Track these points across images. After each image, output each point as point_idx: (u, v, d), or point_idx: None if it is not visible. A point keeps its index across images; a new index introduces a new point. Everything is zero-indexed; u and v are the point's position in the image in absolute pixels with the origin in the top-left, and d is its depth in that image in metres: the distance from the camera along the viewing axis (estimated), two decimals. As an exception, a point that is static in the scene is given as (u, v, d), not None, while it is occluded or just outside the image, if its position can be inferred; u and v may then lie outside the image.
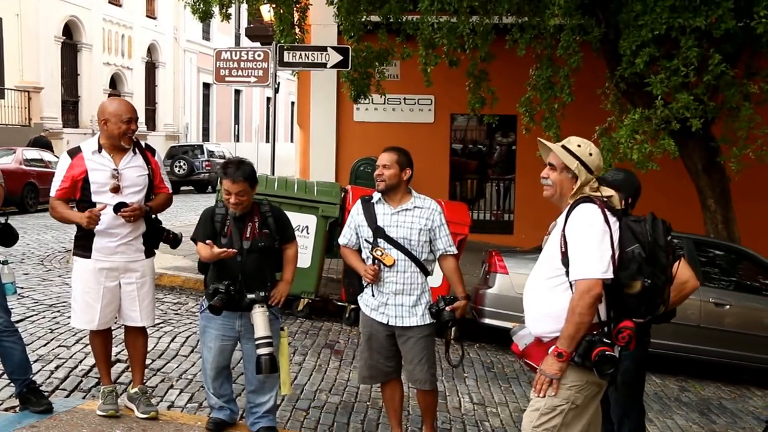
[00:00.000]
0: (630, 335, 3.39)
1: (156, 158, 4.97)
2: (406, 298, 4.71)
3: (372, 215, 4.75)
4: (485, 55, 10.33)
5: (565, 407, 3.44)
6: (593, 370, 3.37)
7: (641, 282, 3.39)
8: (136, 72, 29.78)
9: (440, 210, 4.78)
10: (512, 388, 6.94)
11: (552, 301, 3.46)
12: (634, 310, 3.46)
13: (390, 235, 4.67)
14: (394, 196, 4.73)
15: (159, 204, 4.92)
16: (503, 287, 8.17)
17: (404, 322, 4.72)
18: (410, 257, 4.66)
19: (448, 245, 4.77)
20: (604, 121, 10.08)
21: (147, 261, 4.92)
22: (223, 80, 11.40)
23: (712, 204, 10.02)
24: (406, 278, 4.70)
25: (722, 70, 8.39)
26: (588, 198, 3.49)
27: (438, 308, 4.68)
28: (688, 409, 7.19)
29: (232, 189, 4.51)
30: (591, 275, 3.33)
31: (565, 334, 3.36)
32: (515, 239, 13.63)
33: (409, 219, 4.69)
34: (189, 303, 8.56)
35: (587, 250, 3.36)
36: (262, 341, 4.47)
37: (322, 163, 14.66)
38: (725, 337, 8.26)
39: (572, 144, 3.58)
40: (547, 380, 3.41)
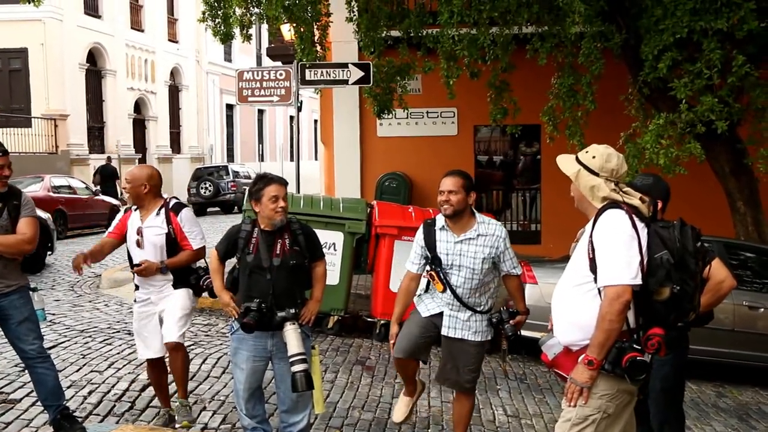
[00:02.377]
0: (659, 342, 3.37)
1: (180, 218, 5.33)
2: (460, 313, 4.74)
3: (432, 242, 4.77)
4: (506, 65, 10.31)
5: (597, 416, 3.41)
6: (624, 377, 3.34)
7: (670, 288, 3.36)
8: (160, 96, 30.13)
9: (504, 235, 4.77)
10: (546, 399, 6.88)
11: (580, 309, 3.44)
12: (664, 316, 3.43)
13: (453, 262, 4.69)
14: (458, 221, 4.72)
15: (178, 260, 5.32)
16: (533, 297, 8.08)
17: (456, 333, 4.76)
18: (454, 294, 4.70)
19: (512, 267, 4.81)
20: (628, 127, 10.01)
21: (178, 291, 5.35)
22: (246, 101, 11.49)
23: (741, 206, 9.90)
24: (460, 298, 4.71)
25: (746, 71, 8.31)
26: (615, 204, 3.48)
27: (500, 319, 4.71)
28: (727, 415, 7.08)
29: (280, 192, 4.56)
30: (619, 281, 3.30)
31: (595, 342, 3.34)
32: (543, 249, 13.55)
33: (473, 249, 4.68)
34: (219, 324, 8.61)
35: (615, 256, 3.35)
36: (297, 358, 4.47)
37: (347, 180, 14.68)
38: (761, 341, 8.14)
39: (582, 153, 3.65)
40: (578, 389, 3.39)
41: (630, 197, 3.53)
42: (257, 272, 4.60)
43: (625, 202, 3.49)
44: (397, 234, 8.44)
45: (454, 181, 4.68)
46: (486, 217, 4.81)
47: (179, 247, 5.32)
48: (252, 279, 4.62)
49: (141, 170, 5.37)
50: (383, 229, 8.46)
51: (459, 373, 4.85)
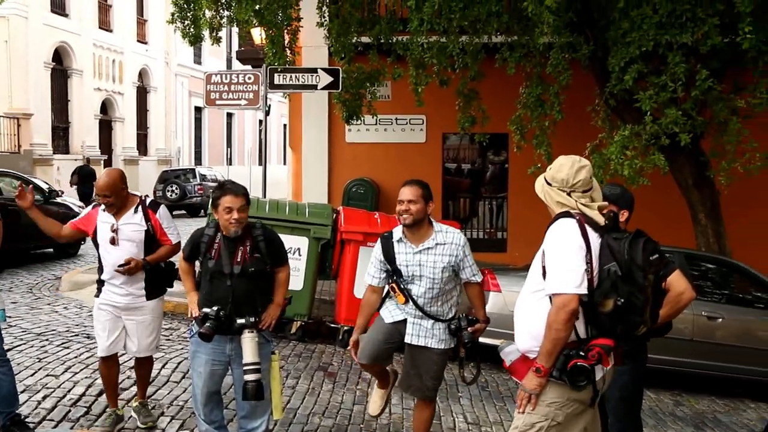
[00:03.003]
0: (599, 353, 3.37)
1: (158, 214, 5.39)
2: (425, 322, 4.73)
3: (391, 256, 4.76)
4: (475, 74, 10.37)
5: (544, 424, 3.42)
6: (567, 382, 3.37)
7: (614, 301, 3.34)
8: (128, 97, 29.83)
9: (463, 243, 4.75)
10: (507, 407, 6.90)
11: (534, 317, 3.47)
12: (610, 328, 3.42)
13: (414, 273, 4.67)
14: (417, 232, 4.70)
15: (159, 256, 5.37)
16: (496, 305, 8.14)
17: (420, 341, 4.75)
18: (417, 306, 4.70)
19: (472, 275, 4.79)
20: (594, 137, 10.12)
21: (149, 303, 5.38)
22: (214, 104, 11.42)
23: (703, 218, 10.04)
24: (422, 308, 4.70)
25: (710, 86, 8.44)
26: (567, 213, 3.50)
27: (459, 326, 4.70)
28: (683, 423, 7.17)
29: (235, 204, 4.49)
30: (565, 290, 3.32)
31: (543, 350, 3.36)
32: (509, 257, 13.61)
33: (432, 258, 4.67)
34: (180, 328, 8.52)
35: (561, 265, 3.37)
36: (250, 367, 4.45)
37: (314, 185, 14.64)
38: (718, 351, 8.25)
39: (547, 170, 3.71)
40: (526, 396, 3.41)
41: (587, 207, 3.54)
42: (218, 278, 4.56)
43: (581, 212, 3.50)
44: (363, 240, 8.42)
45: (413, 191, 4.67)
46: (444, 226, 4.80)
47: (157, 244, 5.35)
48: (213, 284, 4.58)
49: (113, 174, 5.29)
50: (348, 235, 8.44)
51: (422, 380, 4.85)
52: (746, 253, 10.83)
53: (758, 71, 8.87)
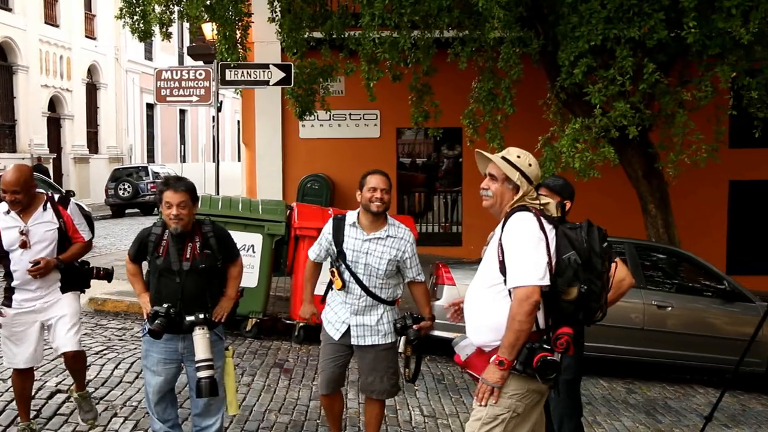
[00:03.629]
0: (568, 341, 3.43)
1: (69, 210, 5.18)
2: (367, 317, 4.73)
3: (340, 237, 4.77)
4: (427, 68, 10.41)
5: (507, 416, 3.46)
6: (535, 376, 3.40)
7: (578, 288, 3.43)
8: (77, 94, 29.25)
9: (412, 240, 4.80)
10: (463, 399, 6.96)
11: (492, 311, 3.49)
12: (572, 316, 3.50)
13: (358, 260, 4.69)
14: (375, 221, 4.73)
15: (72, 254, 5.15)
16: (451, 299, 8.15)
17: (366, 341, 4.75)
18: (361, 285, 4.70)
19: (417, 274, 4.84)
20: (546, 131, 10.23)
21: (65, 296, 5.15)
22: (165, 100, 11.29)
23: (652, 209, 10.24)
24: (368, 301, 4.72)
25: (656, 79, 8.60)
26: (523, 207, 3.53)
27: (404, 324, 4.72)
28: (635, 410, 7.30)
29: (174, 199, 4.43)
30: (528, 282, 3.36)
31: (505, 343, 3.38)
32: (464, 251, 13.73)
33: (380, 248, 4.70)
34: (134, 328, 8.41)
35: (523, 257, 3.40)
36: (202, 364, 4.42)
37: (268, 182, 14.57)
38: (669, 339, 8.44)
39: (512, 155, 3.63)
40: (488, 389, 3.43)
41: (541, 199, 3.61)
42: (167, 276, 4.52)
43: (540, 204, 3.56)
44: (317, 236, 8.32)
45: (385, 180, 4.74)
46: (397, 221, 4.84)
47: (69, 242, 5.15)
48: (161, 282, 4.54)
49: (23, 169, 4.96)
50: (302, 231, 8.41)
51: (382, 381, 4.85)
52: (694, 242, 11.10)
53: (703, 65, 9.07)
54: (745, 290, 8.64)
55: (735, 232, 14.61)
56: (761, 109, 9.13)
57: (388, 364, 4.83)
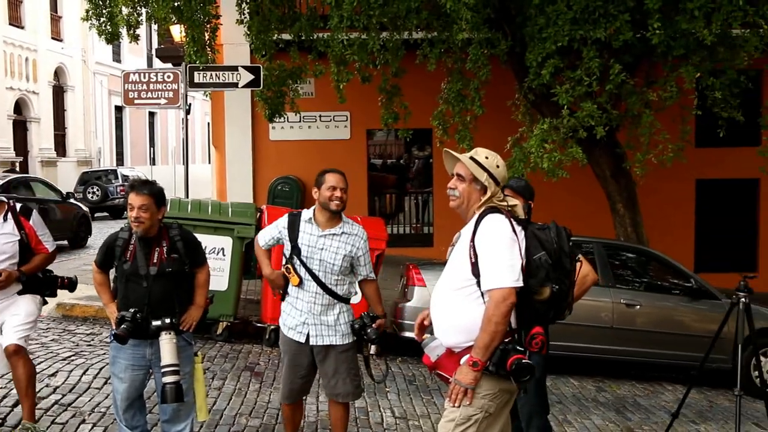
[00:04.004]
0: (543, 341, 3.48)
1: (32, 221, 5.06)
2: (324, 317, 4.71)
3: (294, 233, 4.76)
4: (396, 70, 10.43)
5: (480, 416, 3.47)
6: (510, 378, 3.41)
7: (550, 288, 3.47)
8: (43, 96, 28.88)
9: (366, 237, 4.83)
10: (434, 400, 6.97)
11: (463, 312, 3.49)
12: (544, 315, 3.54)
13: (313, 256, 4.68)
14: (332, 218, 4.74)
15: (35, 266, 5.07)
16: (422, 300, 8.22)
17: (324, 340, 4.73)
18: (317, 281, 4.68)
19: (369, 272, 4.87)
20: (516, 131, 10.30)
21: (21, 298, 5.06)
22: (132, 103, 11.19)
23: (621, 208, 10.35)
24: (324, 299, 4.71)
25: (623, 80, 8.70)
26: (495, 208, 3.54)
27: (362, 324, 4.72)
28: (605, 408, 7.37)
29: (136, 202, 4.41)
30: (504, 284, 3.37)
31: (480, 344, 3.38)
32: (435, 251, 13.76)
33: (336, 244, 4.70)
34: (103, 333, 8.32)
35: (498, 259, 3.41)
36: (168, 369, 4.38)
37: (239, 184, 14.50)
38: (637, 337, 8.53)
39: (480, 156, 3.63)
40: (462, 390, 3.43)
41: (510, 199, 3.64)
42: (134, 280, 4.48)
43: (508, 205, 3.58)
44: (288, 238, 8.35)
45: (343, 179, 4.74)
46: (351, 220, 4.88)
47: (31, 253, 5.06)
48: (128, 287, 4.50)
49: None
50: (273, 234, 8.36)
51: (346, 383, 4.83)
52: (662, 241, 11.24)
53: (668, 65, 9.20)
54: (712, 287, 8.76)
55: (702, 230, 14.82)
56: (725, 109, 9.29)
57: (349, 365, 4.82)
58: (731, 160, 13.95)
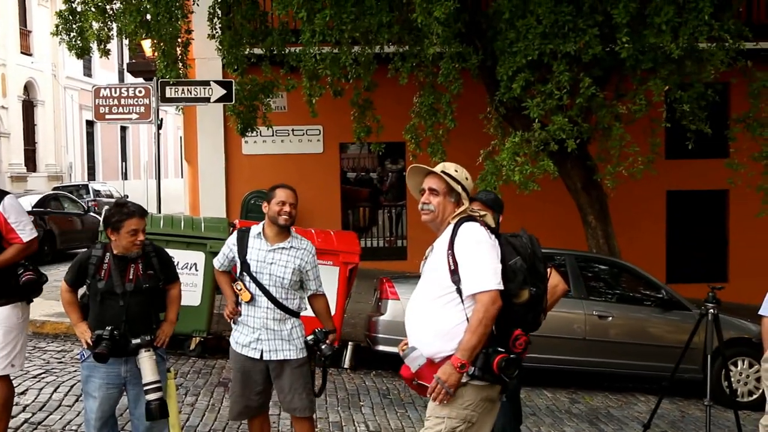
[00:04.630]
0: (526, 341, 3.54)
1: (2, 207, 4.73)
2: (279, 332, 4.71)
3: (243, 248, 4.78)
4: (368, 84, 10.48)
5: (463, 427, 3.50)
6: (494, 381, 3.47)
7: (528, 291, 3.56)
8: (13, 111, 28.55)
9: (314, 252, 4.84)
10: (408, 414, 6.97)
11: (443, 319, 3.52)
12: (522, 318, 3.59)
13: (263, 270, 4.69)
14: (280, 233, 4.74)
15: (7, 258, 4.75)
16: (395, 313, 8.22)
17: (279, 355, 4.72)
18: (268, 296, 4.67)
19: (318, 286, 4.87)
20: (488, 144, 10.37)
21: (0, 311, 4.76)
22: (104, 118, 11.13)
23: (592, 220, 10.44)
24: (277, 314, 4.70)
25: (593, 93, 8.80)
26: (470, 217, 3.62)
27: (316, 340, 4.74)
28: (579, 419, 7.41)
29: (140, 225, 4.42)
30: (491, 287, 3.44)
31: (467, 345, 3.41)
32: (409, 264, 13.75)
33: (285, 258, 4.71)
34: (74, 350, 8.22)
35: (483, 263, 3.47)
36: (151, 386, 4.35)
37: (212, 199, 14.44)
38: (610, 348, 8.58)
39: (449, 169, 3.70)
40: (443, 390, 3.43)
41: (480, 211, 3.70)
42: (109, 298, 4.43)
43: (479, 215, 3.63)
44: (261, 253, 8.32)
45: (293, 195, 4.73)
46: (299, 234, 4.89)
47: (4, 242, 4.74)
48: (104, 305, 4.44)
49: None
50: (246, 248, 8.33)
51: (302, 397, 4.79)
52: (634, 252, 11.35)
53: (636, 79, 9.33)
54: (683, 298, 8.85)
55: (673, 241, 15.00)
56: (693, 122, 9.43)
57: (305, 380, 4.81)
58: (700, 171, 14.15)
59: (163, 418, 4.42)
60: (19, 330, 4.91)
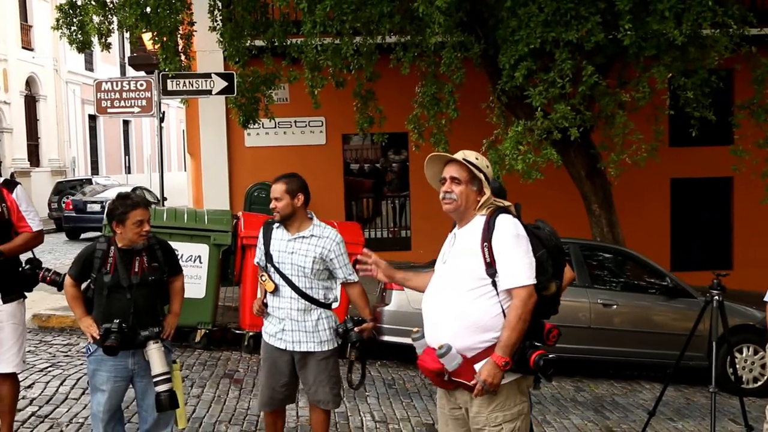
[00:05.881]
0: (559, 333, 3.60)
1: (14, 195, 4.72)
2: (303, 323, 4.70)
3: (268, 240, 4.79)
4: (371, 74, 10.45)
5: (519, 423, 3.56)
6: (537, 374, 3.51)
7: (555, 283, 3.59)
8: (15, 106, 28.54)
9: (339, 240, 4.77)
10: (414, 403, 6.98)
11: (478, 312, 3.48)
12: (546, 311, 3.62)
13: (284, 261, 4.68)
14: (292, 224, 4.74)
15: (16, 245, 4.72)
16: (400, 303, 8.24)
17: (302, 347, 4.72)
18: (291, 286, 4.67)
19: (348, 274, 4.78)
20: (490, 134, 10.34)
21: (5, 307, 4.76)
22: (105, 112, 11.12)
23: (596, 209, 10.42)
24: (300, 304, 4.69)
25: (596, 81, 8.76)
26: (505, 209, 3.60)
27: (346, 329, 4.71)
28: (584, 408, 7.41)
29: (145, 216, 4.43)
30: (529, 282, 3.45)
31: (509, 342, 3.40)
32: (413, 255, 13.76)
33: (305, 246, 4.69)
34: (80, 343, 8.24)
35: (521, 258, 3.47)
36: (161, 378, 4.38)
37: (215, 191, 14.44)
38: (615, 336, 8.59)
39: (470, 157, 3.65)
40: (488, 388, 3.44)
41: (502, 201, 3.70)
42: (116, 291, 4.43)
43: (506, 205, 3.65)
44: (265, 244, 8.33)
45: (278, 187, 4.72)
46: (324, 224, 4.85)
47: (13, 231, 4.70)
48: (110, 299, 4.45)
49: None
50: (249, 240, 8.32)
51: (326, 390, 4.81)
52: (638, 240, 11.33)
53: (640, 66, 9.28)
54: (688, 286, 8.84)
55: (678, 228, 14.96)
56: (697, 109, 9.38)
57: (330, 373, 4.80)
58: (705, 159, 14.10)
59: (173, 408, 4.46)
60: (24, 325, 4.95)
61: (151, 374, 4.41)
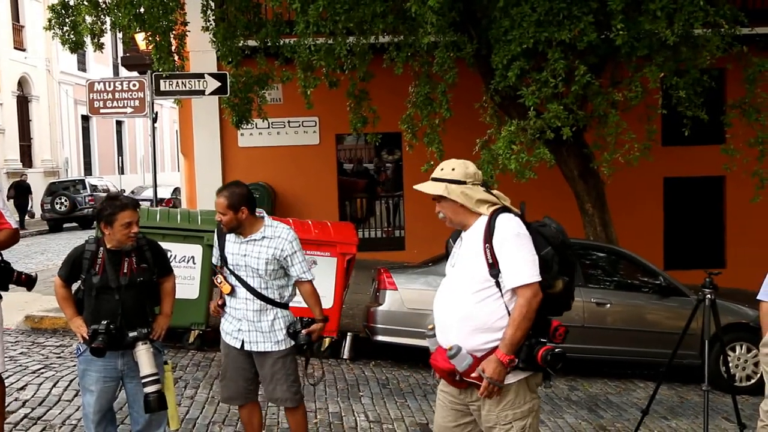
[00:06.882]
0: (566, 331, 3.60)
1: None
2: (259, 323, 4.74)
3: (222, 242, 4.85)
4: (364, 74, 10.46)
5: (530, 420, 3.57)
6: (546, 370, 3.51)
7: (562, 280, 3.57)
8: (7, 107, 28.48)
9: (292, 238, 4.77)
10: (408, 403, 6.98)
11: (484, 314, 3.51)
12: (555, 309, 3.62)
13: (239, 263, 4.73)
14: (242, 230, 4.76)
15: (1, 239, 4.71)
16: (394, 304, 8.23)
17: (259, 347, 4.75)
18: (246, 287, 4.71)
19: (301, 272, 4.79)
20: (484, 134, 10.35)
21: None
22: (98, 112, 11.09)
23: (589, 208, 10.44)
24: (256, 304, 4.72)
25: (588, 80, 8.77)
26: (506, 208, 3.62)
27: (295, 330, 4.74)
28: (578, 406, 7.43)
29: (134, 218, 4.42)
30: (533, 280, 3.46)
31: (512, 341, 3.43)
32: (407, 255, 13.78)
33: (257, 249, 4.71)
34: (73, 345, 8.22)
35: (524, 257, 3.49)
36: (149, 379, 4.37)
37: (208, 192, 14.31)
38: (608, 335, 8.60)
39: (437, 171, 3.72)
40: (495, 387, 3.47)
41: (505, 200, 3.69)
42: (104, 293, 4.42)
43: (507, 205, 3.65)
44: (258, 245, 8.32)
45: (219, 202, 4.70)
46: (276, 222, 4.85)
47: None
48: (99, 300, 4.44)
49: None
50: (243, 241, 8.33)
51: (284, 388, 4.82)
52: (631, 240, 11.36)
53: (632, 66, 9.30)
54: (680, 285, 8.86)
55: (671, 227, 15.01)
56: (689, 108, 9.42)
57: (287, 371, 4.82)
58: (697, 158, 14.15)
59: (161, 410, 4.45)
60: (1, 325, 4.93)
61: (140, 375, 4.40)
